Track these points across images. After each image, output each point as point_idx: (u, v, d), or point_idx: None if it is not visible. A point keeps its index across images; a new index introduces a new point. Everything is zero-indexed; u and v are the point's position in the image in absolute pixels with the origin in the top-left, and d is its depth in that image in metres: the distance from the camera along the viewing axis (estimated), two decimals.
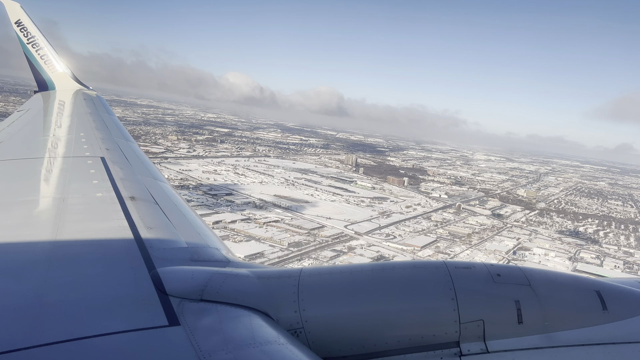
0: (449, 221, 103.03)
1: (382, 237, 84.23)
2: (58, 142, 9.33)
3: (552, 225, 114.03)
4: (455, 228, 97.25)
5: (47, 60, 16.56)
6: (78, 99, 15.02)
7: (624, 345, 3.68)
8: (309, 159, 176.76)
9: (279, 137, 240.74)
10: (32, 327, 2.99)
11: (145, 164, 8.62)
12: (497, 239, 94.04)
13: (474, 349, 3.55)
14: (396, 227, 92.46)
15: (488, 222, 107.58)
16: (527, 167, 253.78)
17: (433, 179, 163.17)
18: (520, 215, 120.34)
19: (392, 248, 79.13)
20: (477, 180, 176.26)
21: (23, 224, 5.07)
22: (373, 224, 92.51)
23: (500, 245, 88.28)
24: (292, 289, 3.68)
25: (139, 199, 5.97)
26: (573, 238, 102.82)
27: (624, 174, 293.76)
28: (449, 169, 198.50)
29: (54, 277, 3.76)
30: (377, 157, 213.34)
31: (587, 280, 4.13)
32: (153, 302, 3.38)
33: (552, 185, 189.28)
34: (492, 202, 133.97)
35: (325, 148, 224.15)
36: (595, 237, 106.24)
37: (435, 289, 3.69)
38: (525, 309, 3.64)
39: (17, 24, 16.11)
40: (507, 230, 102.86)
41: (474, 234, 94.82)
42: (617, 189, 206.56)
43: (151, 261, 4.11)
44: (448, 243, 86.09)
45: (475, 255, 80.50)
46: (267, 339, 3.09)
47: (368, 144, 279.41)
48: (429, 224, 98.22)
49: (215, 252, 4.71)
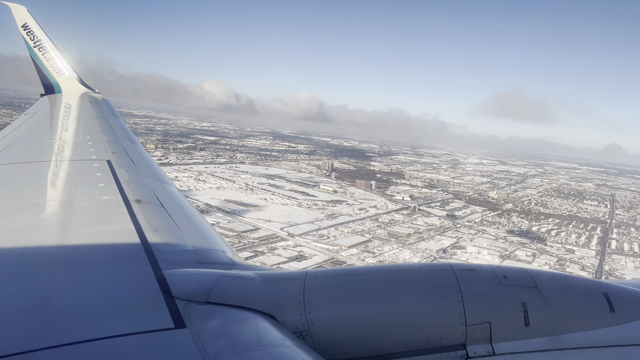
0: (396, 222, 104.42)
1: (314, 238, 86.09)
2: (64, 145, 9.40)
3: (506, 225, 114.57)
4: (398, 229, 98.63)
5: (54, 63, 16.75)
6: (84, 102, 15.22)
7: (632, 347, 3.66)
8: (286, 165, 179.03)
9: (267, 145, 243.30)
10: (39, 329, 3.03)
11: (151, 167, 8.66)
12: (437, 238, 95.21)
13: (481, 352, 3.56)
14: (335, 229, 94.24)
15: (438, 222, 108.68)
16: (517, 169, 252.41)
17: (406, 183, 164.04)
18: (478, 216, 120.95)
19: (318, 248, 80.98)
20: (454, 183, 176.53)
21: (30, 227, 5.13)
22: (314, 225, 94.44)
23: (434, 245, 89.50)
24: (297, 292, 3.70)
25: (145, 201, 5.98)
26: (520, 237, 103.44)
27: (620, 175, 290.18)
28: (430, 173, 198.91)
29: (61, 280, 3.82)
30: (360, 162, 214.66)
31: (594, 283, 4.15)
32: (159, 305, 3.41)
33: (533, 187, 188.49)
34: (455, 203, 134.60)
35: (310, 154, 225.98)
36: (544, 236, 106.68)
37: (441, 291, 3.72)
38: (532, 311, 3.66)
39: (23, 27, 16.35)
40: (453, 230, 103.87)
41: (414, 234, 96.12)
42: (602, 189, 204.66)
43: (157, 264, 4.14)
44: (380, 243, 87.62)
45: (402, 254, 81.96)
46: (273, 341, 3.13)
47: (359, 150, 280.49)
48: (372, 225, 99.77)
49: (221, 255, 4.75)
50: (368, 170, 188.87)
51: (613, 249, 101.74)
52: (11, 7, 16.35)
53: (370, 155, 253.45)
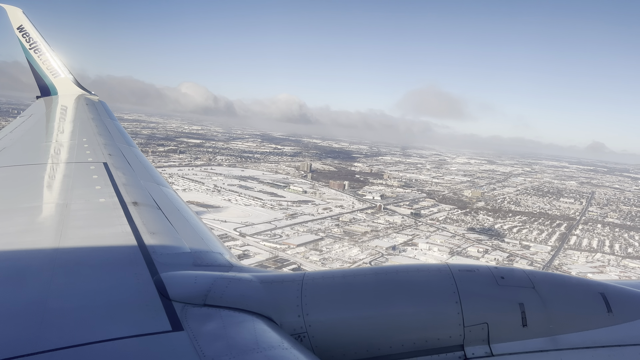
0: (357, 221, 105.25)
1: (265, 238, 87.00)
2: (61, 147, 9.43)
3: (470, 222, 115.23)
4: (356, 227, 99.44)
5: (49, 65, 16.75)
6: (80, 104, 15.17)
7: (629, 347, 3.69)
8: (264, 167, 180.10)
9: (253, 147, 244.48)
10: (36, 333, 3.01)
11: (147, 169, 8.67)
12: (393, 236, 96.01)
13: (479, 352, 3.58)
14: (291, 228, 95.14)
15: (399, 221, 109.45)
16: (503, 169, 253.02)
17: (383, 183, 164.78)
18: (444, 214, 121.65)
19: (266, 247, 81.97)
20: (433, 182, 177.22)
21: (26, 230, 5.11)
22: (270, 225, 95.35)
23: (387, 242, 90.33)
24: (295, 294, 3.71)
25: (141, 204, 5.98)
26: (479, 234, 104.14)
27: (609, 173, 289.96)
28: (411, 173, 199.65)
29: (57, 283, 3.79)
30: (343, 163, 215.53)
31: (591, 283, 4.18)
32: (156, 308, 3.41)
33: (512, 186, 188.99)
34: (426, 202, 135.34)
35: (294, 156, 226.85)
36: (505, 233, 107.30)
37: (439, 293, 3.74)
38: (530, 312, 3.69)
39: (19, 29, 16.32)
40: (413, 228, 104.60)
41: (371, 232, 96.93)
42: (584, 187, 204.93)
43: (154, 266, 4.13)
44: (332, 241, 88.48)
45: (350, 251, 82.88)
46: (270, 343, 3.13)
47: (347, 151, 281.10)
48: (331, 224, 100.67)
49: (218, 257, 4.76)
50: (348, 171, 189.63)
51: (571, 244, 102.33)
52: (7, 9, 16.34)
53: (356, 157, 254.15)
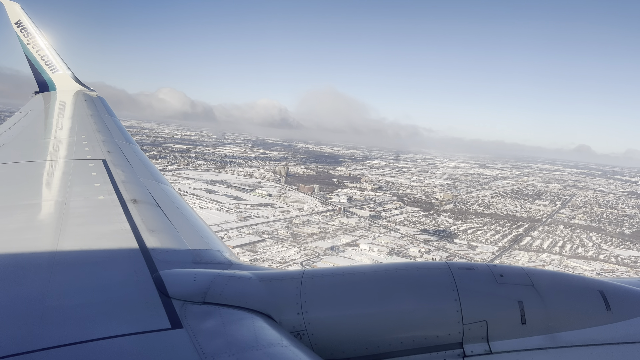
0: (310, 223, 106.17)
1: None
2: (59, 144, 9.36)
3: (427, 224, 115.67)
4: (305, 229, 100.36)
5: (48, 60, 16.64)
6: (79, 100, 15.09)
7: (628, 345, 3.71)
8: (242, 171, 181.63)
9: (239, 152, 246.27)
10: (35, 330, 3.02)
11: (147, 166, 8.65)
12: (339, 237, 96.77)
13: (478, 350, 3.59)
14: (237, 230, 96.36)
15: (354, 223, 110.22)
16: (491, 172, 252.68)
17: (357, 186, 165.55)
18: (404, 216, 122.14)
19: None
20: (410, 186, 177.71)
21: (25, 227, 5.09)
22: (217, 227, 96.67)
23: (330, 243, 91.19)
24: (294, 291, 3.72)
25: (140, 201, 5.96)
26: (429, 235, 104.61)
27: (601, 177, 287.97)
28: (392, 177, 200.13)
29: (56, 281, 3.79)
30: (326, 168, 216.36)
31: (590, 281, 4.18)
32: (156, 305, 3.42)
33: (491, 189, 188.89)
34: (391, 205, 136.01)
35: (279, 160, 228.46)
36: (457, 233, 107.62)
37: (438, 290, 3.75)
38: (529, 310, 3.70)
39: (17, 24, 16.21)
40: (365, 230, 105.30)
41: (318, 234, 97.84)
42: (567, 190, 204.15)
43: (153, 264, 4.13)
44: (272, 242, 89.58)
45: (287, 252, 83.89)
46: (270, 341, 3.14)
47: (336, 156, 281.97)
48: (280, 226, 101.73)
49: (218, 255, 4.76)
50: (327, 175, 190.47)
51: (522, 245, 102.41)
52: (4, 4, 16.24)
53: (343, 161, 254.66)
